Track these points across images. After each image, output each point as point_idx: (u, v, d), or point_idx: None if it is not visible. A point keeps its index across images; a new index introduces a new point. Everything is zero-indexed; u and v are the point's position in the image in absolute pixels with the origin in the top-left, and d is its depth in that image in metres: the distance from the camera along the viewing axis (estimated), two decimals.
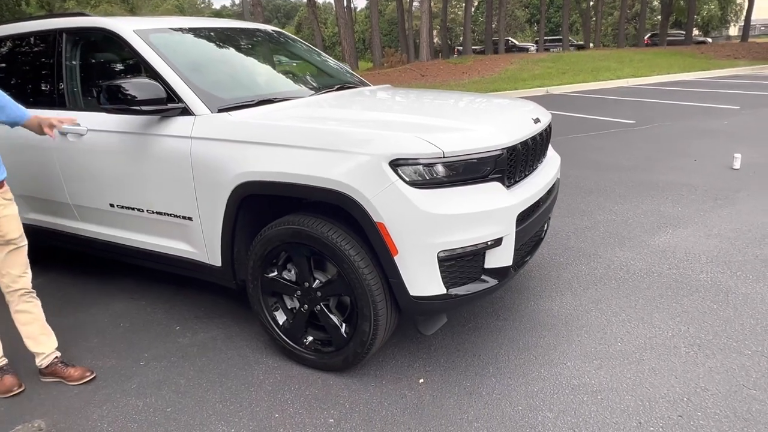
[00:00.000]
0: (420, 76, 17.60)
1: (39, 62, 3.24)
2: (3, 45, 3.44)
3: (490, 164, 2.23)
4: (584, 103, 12.15)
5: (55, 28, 3.15)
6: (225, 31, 3.43)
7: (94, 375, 2.61)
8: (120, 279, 3.67)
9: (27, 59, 3.36)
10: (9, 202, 2.52)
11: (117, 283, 3.63)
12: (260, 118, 2.46)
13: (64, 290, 3.59)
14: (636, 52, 23.40)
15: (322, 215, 2.33)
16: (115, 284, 3.61)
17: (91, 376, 2.59)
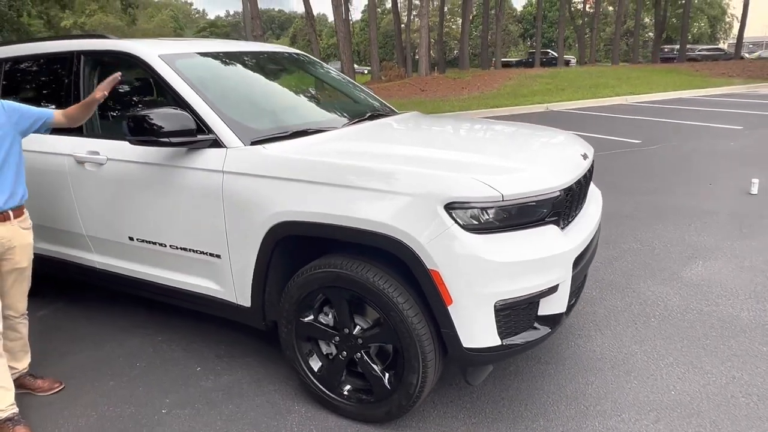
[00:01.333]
0: (420, 91, 17.57)
1: (55, 85, 3.08)
2: (18, 65, 3.27)
3: (548, 207, 2.10)
4: (586, 120, 12.14)
5: (73, 49, 3.00)
6: (251, 56, 3.29)
7: (63, 386, 2.69)
8: (132, 312, 3.48)
9: (42, 81, 3.20)
10: (26, 232, 2.51)
11: (129, 316, 3.44)
12: (299, 153, 2.31)
13: (73, 323, 3.40)
14: (633, 69, 23.61)
15: (363, 257, 2.18)
16: (127, 318, 3.42)
17: (59, 387, 2.69)
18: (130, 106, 3.11)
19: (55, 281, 3.67)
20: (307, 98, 3.28)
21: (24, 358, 2.69)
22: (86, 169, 2.84)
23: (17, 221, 2.44)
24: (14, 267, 2.47)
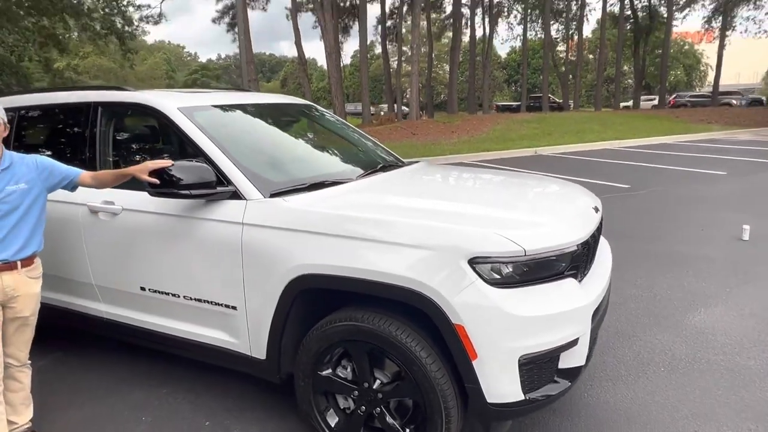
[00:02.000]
0: (411, 135, 17.91)
1: (71, 135, 3.12)
2: (33, 114, 3.30)
3: (567, 261, 2.14)
4: (574, 165, 12.43)
5: (90, 100, 3.05)
6: (265, 107, 3.37)
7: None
8: (133, 362, 3.40)
9: (58, 131, 3.24)
10: (34, 281, 2.49)
11: (131, 367, 3.36)
12: (320, 206, 2.35)
13: (73, 374, 3.31)
14: (617, 115, 24.38)
15: (384, 310, 2.19)
16: (129, 368, 3.35)
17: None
18: (146, 157, 3.14)
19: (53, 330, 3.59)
20: (320, 149, 3.35)
21: (25, 412, 2.61)
22: (100, 218, 2.84)
23: (24, 270, 2.43)
24: (17, 316, 2.45)
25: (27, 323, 2.51)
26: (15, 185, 2.39)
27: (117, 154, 3.06)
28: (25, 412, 2.61)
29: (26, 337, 2.55)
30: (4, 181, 2.37)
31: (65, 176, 2.52)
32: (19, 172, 2.42)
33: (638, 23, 33.29)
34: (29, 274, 2.46)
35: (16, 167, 2.43)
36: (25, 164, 2.45)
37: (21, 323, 2.48)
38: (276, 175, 2.67)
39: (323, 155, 3.30)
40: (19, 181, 2.40)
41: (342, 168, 3.14)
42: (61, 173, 2.51)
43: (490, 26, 31.63)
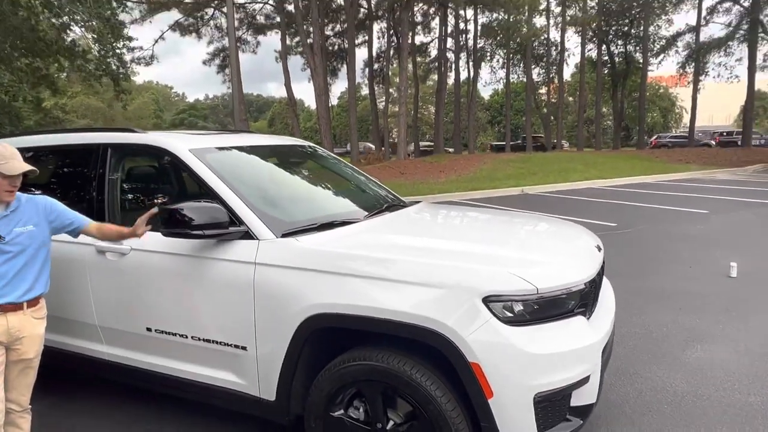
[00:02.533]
0: (399, 174, 18.16)
1: (81, 176, 3.13)
2: (41, 155, 3.32)
3: (576, 299, 2.20)
4: (561, 204, 12.67)
5: (100, 142, 3.09)
6: (273, 149, 3.45)
7: None
8: (129, 404, 3.33)
9: (68, 172, 3.26)
10: (38, 322, 2.48)
11: (127, 409, 3.28)
12: (332, 245, 2.39)
13: (69, 419, 3.22)
14: (598, 155, 25.03)
15: (398, 349, 2.21)
16: (125, 411, 3.27)
17: None
18: (153, 197, 3.18)
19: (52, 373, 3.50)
20: (327, 189, 3.42)
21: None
22: (107, 258, 2.84)
23: (30, 310, 2.43)
24: (21, 358, 2.43)
25: (30, 366, 2.49)
26: (23, 227, 2.40)
27: (125, 194, 3.09)
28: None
29: (29, 381, 2.51)
30: (13, 222, 2.38)
31: (72, 222, 2.56)
32: (27, 213, 2.44)
33: (615, 68, 34.71)
34: (34, 314, 2.45)
35: (24, 209, 2.45)
36: (34, 205, 2.48)
37: (25, 366, 2.46)
38: (287, 215, 2.72)
39: (330, 195, 3.37)
40: (27, 223, 2.41)
41: (350, 208, 3.20)
42: (68, 218, 2.55)
43: (474, 70, 32.70)
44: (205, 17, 27.40)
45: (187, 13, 26.11)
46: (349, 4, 24.86)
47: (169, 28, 26.80)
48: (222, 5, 24.40)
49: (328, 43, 29.19)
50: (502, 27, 29.43)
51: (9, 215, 2.38)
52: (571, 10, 31.44)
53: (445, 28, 31.21)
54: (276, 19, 28.10)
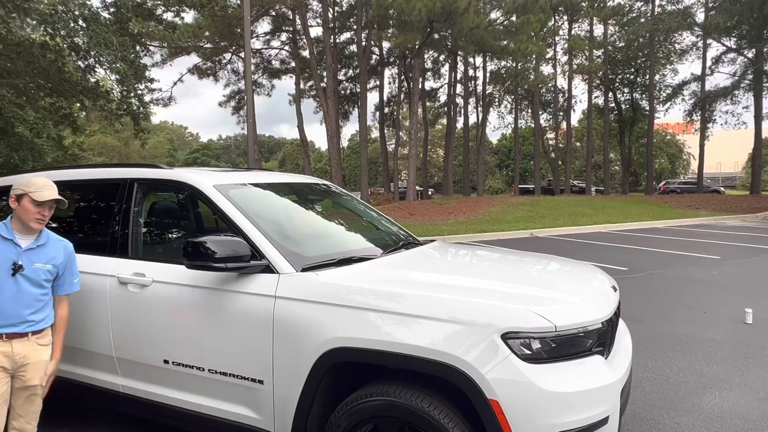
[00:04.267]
0: (409, 215, 18.28)
1: (105, 209, 3.23)
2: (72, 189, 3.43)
3: (593, 337, 2.21)
4: (571, 247, 12.64)
5: (127, 177, 3.19)
6: (292, 186, 3.55)
7: None
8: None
9: (95, 205, 3.36)
10: (43, 348, 2.54)
11: None
12: (352, 280, 2.44)
13: None
14: (607, 200, 25.09)
15: (416, 385, 2.21)
16: None
17: None
18: (175, 231, 3.26)
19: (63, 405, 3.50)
20: (344, 226, 3.48)
21: None
22: (129, 290, 2.89)
23: (34, 338, 2.50)
24: (26, 384, 2.48)
25: (36, 393, 2.52)
26: (44, 264, 2.51)
27: (149, 228, 3.17)
28: None
29: (35, 408, 2.54)
30: (37, 257, 2.49)
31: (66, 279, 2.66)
32: (53, 252, 2.56)
33: (622, 115, 35.25)
34: (39, 341, 2.52)
35: (52, 247, 2.57)
36: (63, 248, 2.61)
37: (30, 393, 2.50)
38: (306, 250, 2.77)
39: (347, 232, 3.43)
40: (49, 262, 2.53)
41: (366, 244, 3.25)
42: (71, 273, 2.67)
43: (483, 114, 33.36)
44: (222, 61, 28.40)
45: (206, 57, 27.09)
46: (362, 50, 25.71)
47: (188, 71, 27.75)
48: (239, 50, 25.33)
49: (341, 87, 30.01)
50: (510, 74, 30.20)
51: (35, 249, 2.48)
52: (577, 59, 32.27)
53: (454, 75, 32.09)
54: (291, 63, 29.07)
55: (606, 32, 31.96)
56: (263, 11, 24.37)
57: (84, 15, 9.47)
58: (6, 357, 2.40)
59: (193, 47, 24.97)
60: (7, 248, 2.41)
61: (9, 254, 2.41)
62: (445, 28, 22.46)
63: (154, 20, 14.00)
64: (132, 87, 11.02)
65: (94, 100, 11.95)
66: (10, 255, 2.41)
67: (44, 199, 2.42)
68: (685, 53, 30.84)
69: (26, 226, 2.45)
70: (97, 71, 11.91)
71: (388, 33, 23.80)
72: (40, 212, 2.44)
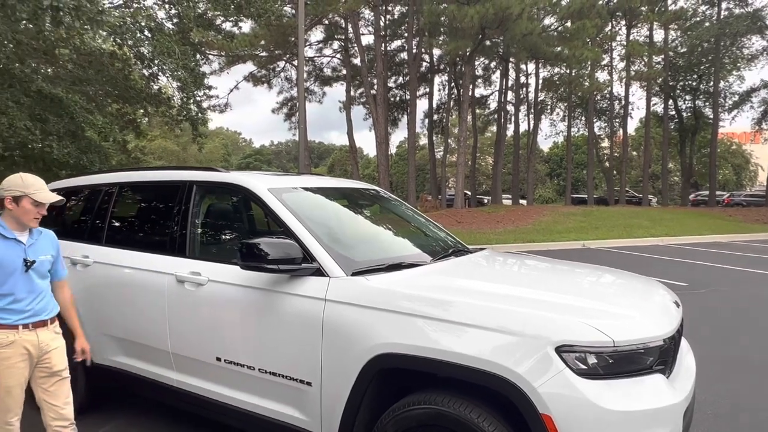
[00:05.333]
0: (456, 223, 18.10)
1: (165, 210, 3.37)
2: (133, 189, 3.61)
3: (654, 355, 2.10)
4: (626, 260, 12.14)
5: (186, 179, 3.32)
6: (343, 191, 3.59)
7: None
8: None
9: (154, 206, 3.51)
10: (58, 335, 2.68)
11: None
12: (403, 286, 2.42)
13: None
14: (666, 211, 23.99)
15: (464, 394, 2.16)
16: None
17: None
18: (230, 232, 3.36)
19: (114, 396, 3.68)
20: (394, 232, 3.48)
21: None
22: (185, 288, 2.99)
23: (51, 326, 2.65)
24: (53, 370, 2.60)
25: (63, 376, 2.65)
26: (45, 255, 2.63)
27: (205, 228, 3.28)
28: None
29: (66, 391, 2.65)
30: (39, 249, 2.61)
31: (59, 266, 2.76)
32: (45, 244, 2.66)
33: (683, 123, 33.62)
34: (55, 329, 2.67)
35: (43, 239, 2.66)
36: (49, 239, 2.69)
37: (58, 377, 2.62)
38: (357, 255, 2.78)
39: (396, 238, 3.42)
40: (47, 253, 2.65)
41: (416, 251, 3.23)
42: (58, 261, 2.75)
43: (534, 122, 32.64)
44: (276, 69, 29.19)
45: (261, 65, 27.91)
46: (413, 58, 25.79)
47: (244, 79, 28.70)
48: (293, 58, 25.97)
49: (390, 94, 30.19)
50: (564, 81, 29.45)
51: (35, 244, 2.60)
52: (635, 65, 31.09)
53: (505, 81, 31.60)
54: (342, 71, 29.52)
55: (667, 37, 30.62)
56: (317, 20, 24.90)
57: (150, 26, 9.97)
58: (32, 346, 2.53)
59: (249, 55, 25.79)
60: (13, 247, 2.49)
61: (18, 252, 2.50)
62: (497, 34, 22.20)
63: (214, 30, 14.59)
64: (191, 94, 11.51)
65: (156, 106, 12.58)
66: (19, 253, 2.50)
67: (46, 201, 2.51)
68: (754, 59, 29.11)
69: (22, 225, 2.52)
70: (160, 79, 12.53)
71: (439, 40, 23.76)
72: (39, 212, 2.53)
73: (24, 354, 2.50)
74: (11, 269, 2.47)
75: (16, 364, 2.47)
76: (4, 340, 2.45)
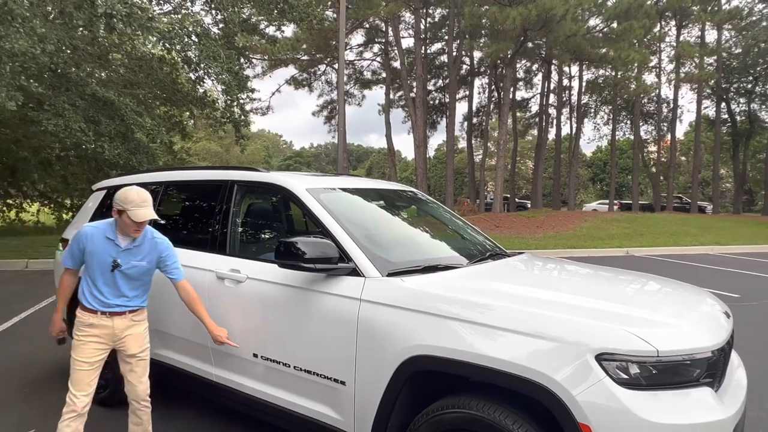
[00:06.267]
0: (495, 227, 17.86)
1: (207, 208, 3.46)
2: (178, 188, 3.72)
3: (702, 367, 2.01)
4: (673, 269, 11.67)
5: (228, 179, 3.40)
6: (380, 192, 3.60)
7: None
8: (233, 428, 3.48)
9: (197, 204, 3.62)
10: (138, 323, 2.88)
11: None
12: (439, 288, 2.40)
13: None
14: (716, 219, 22.96)
15: (498, 400, 2.12)
16: None
17: None
18: (268, 231, 3.42)
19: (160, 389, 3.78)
20: (430, 234, 3.47)
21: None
22: (225, 285, 3.07)
23: (131, 315, 2.83)
24: (128, 353, 2.85)
25: (139, 359, 2.87)
26: (139, 261, 2.80)
27: (245, 227, 3.35)
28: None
29: (140, 370, 2.88)
30: (133, 256, 2.79)
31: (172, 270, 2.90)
32: (146, 250, 2.83)
33: (736, 127, 32.09)
34: (134, 318, 2.86)
35: (146, 246, 2.83)
36: (154, 247, 2.85)
37: (134, 360, 2.86)
38: (392, 256, 2.78)
39: (433, 240, 3.41)
40: (143, 259, 2.82)
41: (452, 253, 3.21)
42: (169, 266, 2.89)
43: (577, 125, 31.85)
44: (317, 72, 29.61)
45: (302, 68, 28.38)
46: (453, 60, 25.66)
47: (285, 82, 29.23)
48: (333, 62, 26.28)
49: (430, 97, 30.12)
50: (609, 83, 28.66)
51: (132, 249, 2.79)
52: (685, 66, 29.91)
53: (548, 84, 30.99)
54: (382, 74, 29.67)
55: (720, 38, 29.30)
56: (357, 24, 25.12)
57: (196, 31, 10.30)
58: (108, 330, 2.77)
59: (290, 59, 26.28)
60: (110, 247, 2.74)
61: (111, 252, 2.74)
62: (539, 36, 21.82)
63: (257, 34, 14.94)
64: (235, 96, 11.82)
65: (201, 109, 12.98)
66: (111, 253, 2.74)
67: (139, 219, 2.66)
68: None
69: (125, 233, 2.75)
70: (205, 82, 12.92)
71: (480, 42, 23.54)
72: (136, 228, 2.72)
73: (98, 337, 2.75)
74: (102, 266, 2.73)
75: (88, 343, 2.74)
76: (84, 321, 2.75)
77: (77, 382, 2.70)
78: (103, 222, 2.81)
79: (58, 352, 4.97)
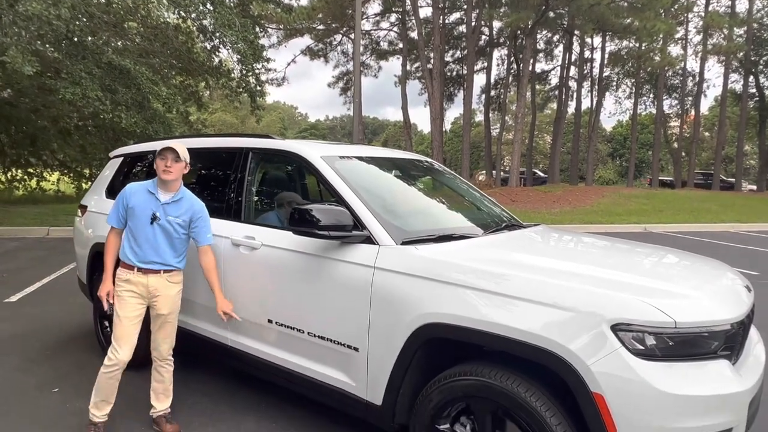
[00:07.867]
0: (511, 201, 17.72)
1: (222, 176, 3.46)
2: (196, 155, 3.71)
3: (720, 339, 1.98)
4: (691, 246, 11.49)
5: (243, 146, 3.39)
6: (395, 161, 3.56)
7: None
8: (246, 392, 3.56)
9: (211, 172, 3.62)
10: (172, 285, 2.97)
11: (244, 396, 3.51)
12: (453, 257, 2.39)
13: (194, 398, 3.50)
14: (738, 197, 22.50)
15: (511, 368, 2.13)
16: (242, 397, 3.49)
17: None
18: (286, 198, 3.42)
19: None
20: (445, 204, 3.43)
21: (164, 401, 3.07)
22: (240, 251, 3.09)
23: (166, 275, 2.91)
24: (158, 312, 2.95)
25: (167, 320, 2.98)
26: (176, 217, 2.89)
27: (260, 194, 3.35)
28: (164, 401, 3.07)
29: (166, 332, 3.00)
30: (171, 210, 2.88)
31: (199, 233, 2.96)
32: (184, 207, 2.93)
33: (764, 102, 31.07)
34: (170, 279, 2.94)
35: (184, 202, 2.93)
36: (191, 205, 2.95)
37: (162, 320, 2.97)
38: (406, 225, 2.77)
39: (448, 209, 3.38)
40: (180, 216, 2.90)
41: (467, 223, 3.18)
42: (198, 227, 2.95)
43: (598, 99, 31.09)
44: (333, 43, 29.20)
45: (318, 39, 27.99)
46: (471, 31, 25.08)
47: (301, 53, 28.90)
48: (350, 32, 25.88)
49: (447, 68, 29.57)
50: (632, 55, 27.80)
51: (170, 204, 2.89)
52: (713, 38, 28.85)
53: (569, 56, 30.20)
54: (399, 45, 29.15)
55: (751, 8, 28.11)
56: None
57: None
58: (143, 287, 2.87)
59: (306, 29, 25.90)
60: (150, 201, 2.86)
61: (150, 205, 2.86)
62: (562, 5, 21.15)
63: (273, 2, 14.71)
64: (251, 66, 11.73)
65: (217, 79, 12.92)
66: (151, 206, 2.86)
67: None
68: None
69: (163, 182, 2.86)
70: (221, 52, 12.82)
71: (500, 12, 22.91)
72: (164, 163, 2.82)
73: (135, 293, 2.87)
74: (143, 219, 2.84)
75: (127, 299, 2.86)
76: (122, 276, 2.88)
77: (119, 336, 2.82)
78: (146, 181, 2.95)
79: (79, 317, 5.11)
